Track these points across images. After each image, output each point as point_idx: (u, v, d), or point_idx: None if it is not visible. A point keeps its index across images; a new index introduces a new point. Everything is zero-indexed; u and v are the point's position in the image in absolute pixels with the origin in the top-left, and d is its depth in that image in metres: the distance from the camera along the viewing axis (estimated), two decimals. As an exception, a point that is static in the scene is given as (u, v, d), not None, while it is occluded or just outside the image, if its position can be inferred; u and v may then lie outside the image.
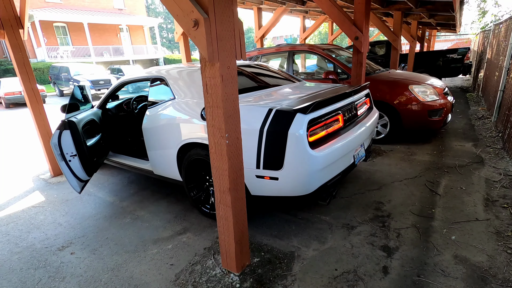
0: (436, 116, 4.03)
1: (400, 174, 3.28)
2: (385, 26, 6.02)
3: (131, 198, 3.18)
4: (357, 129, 2.49)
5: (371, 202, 2.72)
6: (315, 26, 9.63)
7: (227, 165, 1.63)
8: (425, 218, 2.42)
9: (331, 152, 2.05)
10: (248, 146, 2.08)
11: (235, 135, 1.65)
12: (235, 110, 1.61)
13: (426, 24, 9.75)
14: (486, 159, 3.53)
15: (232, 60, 1.53)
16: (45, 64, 20.24)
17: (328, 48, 5.05)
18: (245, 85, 2.82)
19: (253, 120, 2.08)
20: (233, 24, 1.48)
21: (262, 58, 5.80)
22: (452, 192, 2.82)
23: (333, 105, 2.24)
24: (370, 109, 3.08)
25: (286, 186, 2.06)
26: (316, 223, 2.46)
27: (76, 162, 2.68)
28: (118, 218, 2.78)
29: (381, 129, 4.31)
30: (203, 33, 1.35)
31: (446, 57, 8.76)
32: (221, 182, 1.71)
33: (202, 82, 1.56)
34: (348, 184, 3.11)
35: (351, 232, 2.31)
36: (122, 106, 3.95)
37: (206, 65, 1.51)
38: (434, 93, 4.08)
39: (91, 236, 2.51)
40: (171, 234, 2.45)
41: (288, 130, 1.92)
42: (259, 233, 2.38)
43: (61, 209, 3.04)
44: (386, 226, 2.35)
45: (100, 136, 3.25)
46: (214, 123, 1.60)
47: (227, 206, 1.73)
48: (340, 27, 3.63)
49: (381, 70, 4.97)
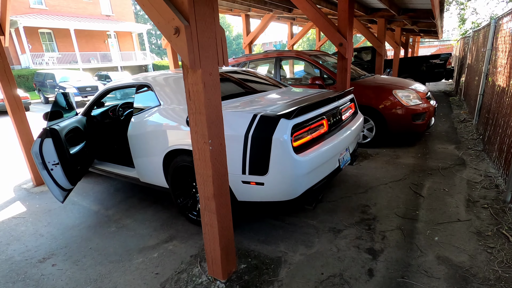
0: (420, 120, 4.13)
1: (386, 177, 3.34)
2: (369, 32, 6.17)
3: (117, 207, 3.12)
4: (342, 134, 2.53)
5: (358, 205, 2.75)
6: (302, 32, 9.78)
7: (211, 171, 1.63)
8: (410, 220, 2.46)
9: (316, 156, 2.07)
10: (233, 152, 2.09)
11: (219, 141, 1.65)
12: (218, 116, 1.62)
13: (409, 30, 10.05)
14: (467, 161, 3.63)
15: (214, 67, 1.54)
16: (30, 71, 19.80)
17: (314, 54, 5.13)
18: (232, 91, 2.83)
19: (238, 126, 2.09)
20: (214, 32, 1.50)
21: (251, 64, 5.84)
22: (435, 194, 2.89)
23: (317, 110, 2.27)
24: (355, 114, 3.14)
25: (272, 191, 2.07)
26: (303, 227, 2.47)
27: (59, 171, 2.62)
28: (102, 228, 2.72)
29: (367, 133, 4.38)
30: (184, 41, 1.36)
31: (429, 63, 9.03)
32: (205, 188, 1.70)
33: (185, 88, 1.56)
34: (335, 188, 3.14)
35: (338, 235, 2.32)
36: (107, 113, 3.90)
37: (189, 72, 1.51)
38: (417, 97, 4.19)
39: (73, 247, 2.45)
40: (157, 242, 2.42)
41: (272, 136, 1.94)
42: (246, 239, 2.37)
43: (43, 220, 2.96)
44: (371, 228, 2.38)
45: (84, 143, 3.20)
46: (197, 130, 1.60)
47: (212, 213, 1.73)
48: (324, 33, 3.70)
49: (366, 75, 5.08)
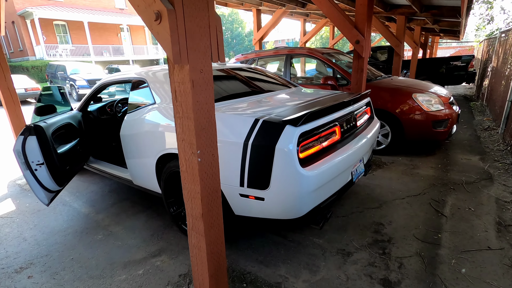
0: (441, 127, 3.77)
1: (402, 190, 3.01)
2: (387, 31, 5.78)
3: (108, 210, 2.90)
4: (356, 142, 2.23)
5: (370, 223, 2.45)
6: (315, 29, 9.41)
7: (199, 187, 1.37)
8: (431, 245, 2.15)
9: (326, 170, 1.78)
10: (231, 160, 1.82)
11: (210, 151, 1.38)
12: (210, 122, 1.35)
13: (429, 30, 9.54)
14: (495, 176, 3.26)
15: (206, 63, 1.27)
16: (43, 62, 20.02)
17: (327, 52, 4.81)
18: (234, 90, 2.56)
19: (237, 131, 1.82)
20: (207, 19, 1.23)
21: (260, 61, 5.57)
22: (459, 213, 2.56)
23: (330, 116, 1.98)
24: (371, 119, 2.83)
25: (273, 208, 1.80)
26: (308, 247, 2.19)
27: (44, 171, 2.41)
28: (89, 234, 2.51)
29: (382, 139, 4.05)
30: (167, 29, 1.09)
31: (450, 65, 8.52)
32: (192, 206, 1.44)
33: (171, 87, 1.30)
34: (345, 200, 2.85)
35: (347, 260, 2.03)
36: (105, 109, 3.69)
37: (174, 68, 1.25)
38: (439, 102, 3.82)
39: (55, 256, 2.24)
40: (144, 256, 2.18)
41: (275, 145, 1.66)
42: (243, 258, 2.11)
43: (30, 221, 2.77)
44: (386, 253, 2.08)
45: (77, 141, 2.99)
46: (185, 137, 1.34)
47: (200, 235, 1.47)
48: (340, 30, 3.38)
49: (383, 76, 4.72)
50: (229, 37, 49.22)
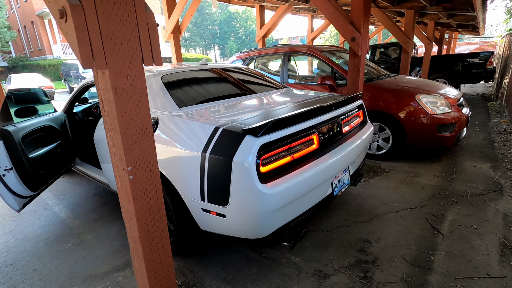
0: (447, 132, 3.45)
1: (398, 202, 2.75)
2: (395, 26, 5.42)
3: (86, 216, 2.81)
4: (339, 151, 2.01)
5: (356, 240, 2.22)
6: (323, 26, 9.07)
7: (133, 208, 1.20)
8: (420, 269, 1.90)
9: (293, 186, 1.58)
10: (190, 173, 1.66)
11: (147, 167, 1.22)
12: (144, 134, 1.18)
13: (445, 25, 8.99)
14: (505, 187, 2.93)
15: (136, 66, 1.10)
16: (59, 61, 20.57)
17: (329, 50, 4.54)
18: (211, 92, 2.39)
19: (195, 140, 1.65)
20: (134, 16, 1.05)
21: (260, 59, 5.37)
22: (459, 231, 2.28)
23: (303, 123, 1.76)
24: (363, 124, 2.58)
25: (234, 226, 1.62)
26: (282, 265, 2.00)
27: (12, 176, 2.33)
28: (60, 242, 2.41)
29: (382, 143, 3.76)
30: (72, 27, 0.93)
31: (467, 62, 7.99)
32: (130, 227, 1.29)
33: (98, 95, 1.14)
34: (333, 211, 2.62)
35: (323, 283, 1.83)
36: (91, 110, 3.61)
37: (98, 73, 1.09)
38: (445, 104, 3.50)
39: (19, 266, 2.15)
40: (107, 269, 2.05)
41: (233, 157, 1.47)
42: (210, 276, 1.94)
43: (7, 225, 2.72)
44: (368, 277, 1.85)
45: (57, 144, 2.92)
46: (115, 151, 1.18)
47: (140, 258, 1.31)
48: (334, 25, 3.14)
49: (387, 75, 4.41)
50: (243, 35, 49.02)
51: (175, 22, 4.98)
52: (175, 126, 1.83)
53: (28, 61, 24.44)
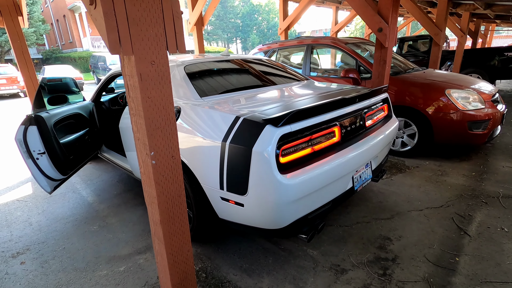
0: (479, 129, 3.26)
1: (422, 200, 2.65)
2: (425, 17, 5.14)
3: (111, 201, 2.94)
4: (361, 145, 1.95)
5: (376, 237, 2.17)
6: (348, 18, 8.78)
7: (155, 192, 1.24)
8: (444, 270, 1.83)
9: (312, 178, 1.56)
10: (210, 161, 1.68)
11: (169, 153, 1.24)
12: (167, 120, 1.21)
13: (481, 16, 8.41)
14: (543, 190, 2.74)
15: (160, 53, 1.12)
16: (89, 53, 21.45)
17: (354, 42, 4.40)
18: (233, 83, 2.40)
19: (216, 129, 1.66)
20: (159, 3, 1.07)
21: (282, 52, 5.32)
22: (488, 233, 2.16)
23: (325, 115, 1.73)
24: (388, 118, 2.49)
25: (252, 215, 1.63)
26: (299, 258, 1.99)
27: (45, 160, 2.48)
28: (86, 224, 2.55)
29: (407, 139, 3.62)
30: (101, 13, 0.96)
31: (504, 56, 7.45)
32: (152, 210, 1.33)
33: (124, 81, 1.18)
34: (352, 207, 2.57)
35: (340, 278, 1.80)
36: (117, 100, 3.74)
37: (124, 60, 1.12)
38: (478, 100, 3.30)
39: (50, 244, 2.30)
40: (130, 252, 2.14)
41: (252, 147, 1.47)
42: (227, 263, 1.98)
43: (40, 206, 2.90)
44: (387, 275, 1.81)
45: (85, 131, 3.06)
46: (139, 136, 1.21)
47: (160, 242, 1.35)
48: (360, 15, 3.03)
49: (415, 69, 4.22)
50: (265, 28, 48.59)
51: (199, 14, 5.02)
52: (196, 115, 1.85)
53: (60, 53, 25.70)
